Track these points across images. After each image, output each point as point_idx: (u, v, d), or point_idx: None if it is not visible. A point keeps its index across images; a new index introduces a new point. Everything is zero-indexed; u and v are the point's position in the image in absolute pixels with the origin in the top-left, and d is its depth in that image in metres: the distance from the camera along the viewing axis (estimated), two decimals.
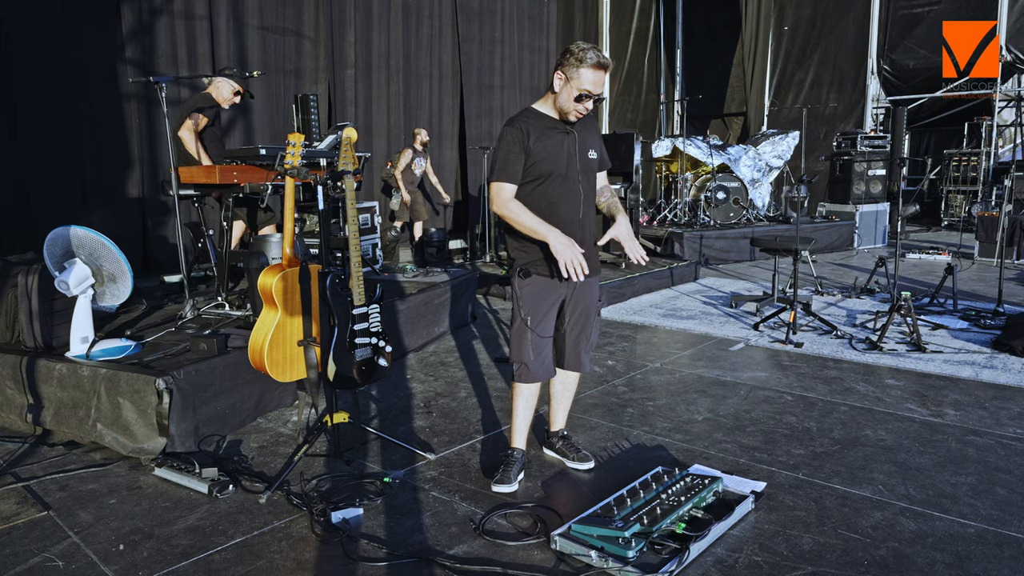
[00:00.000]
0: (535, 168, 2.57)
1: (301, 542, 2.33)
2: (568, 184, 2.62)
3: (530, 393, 2.77)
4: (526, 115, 2.63)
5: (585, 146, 2.67)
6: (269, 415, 3.47)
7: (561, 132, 2.61)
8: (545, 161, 2.57)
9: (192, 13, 6.82)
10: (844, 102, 12.17)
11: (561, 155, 2.60)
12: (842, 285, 6.62)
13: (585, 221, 2.68)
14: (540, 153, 2.55)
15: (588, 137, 2.70)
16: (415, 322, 4.70)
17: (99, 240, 3.28)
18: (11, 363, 3.30)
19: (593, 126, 2.76)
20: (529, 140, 2.54)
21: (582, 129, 2.67)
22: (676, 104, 13.78)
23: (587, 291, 2.77)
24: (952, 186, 11.17)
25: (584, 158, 2.66)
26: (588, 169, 2.69)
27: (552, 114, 2.61)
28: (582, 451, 2.89)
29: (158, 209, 6.57)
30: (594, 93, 2.52)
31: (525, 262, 2.66)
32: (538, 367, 2.71)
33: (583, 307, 2.77)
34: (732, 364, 4.32)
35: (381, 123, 8.93)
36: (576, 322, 2.77)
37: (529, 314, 2.66)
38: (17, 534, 2.40)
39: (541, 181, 2.59)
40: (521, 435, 2.81)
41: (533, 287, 2.65)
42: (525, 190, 2.59)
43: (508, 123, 2.60)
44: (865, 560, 2.19)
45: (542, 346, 2.70)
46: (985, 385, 3.82)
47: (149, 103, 6.43)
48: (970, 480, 2.72)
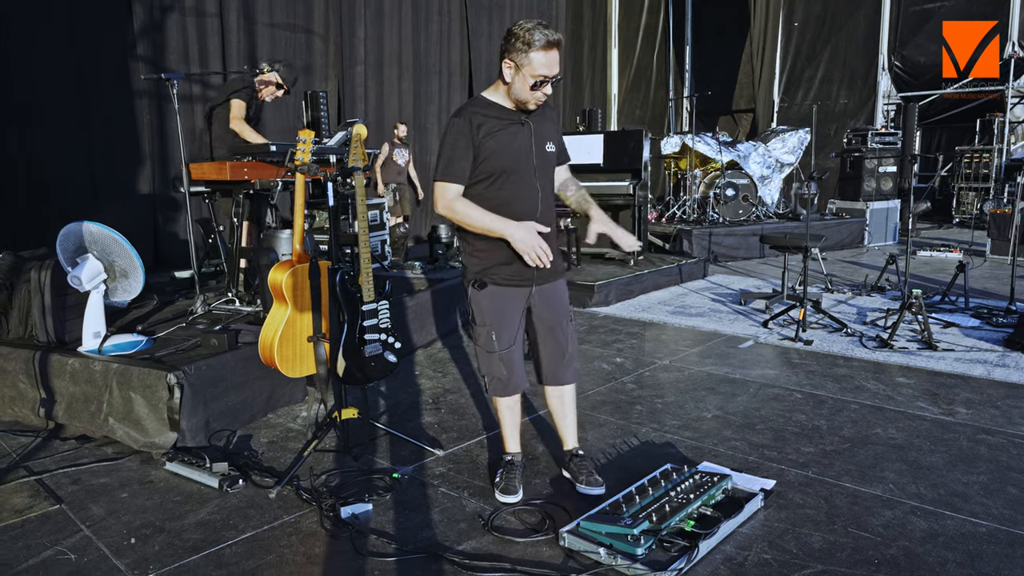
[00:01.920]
0: (486, 164, 2.34)
1: (311, 537, 2.35)
2: (524, 181, 2.39)
3: (512, 402, 2.63)
4: (475, 104, 2.38)
5: (543, 138, 2.43)
6: (279, 411, 3.49)
7: (516, 123, 2.37)
8: (497, 156, 2.33)
9: (203, 10, 6.85)
10: (855, 98, 12.08)
11: (515, 149, 2.37)
12: (852, 283, 6.58)
13: (544, 222, 2.42)
14: (491, 148, 2.32)
15: (545, 128, 2.46)
16: (423, 318, 4.71)
17: (111, 236, 3.30)
18: (24, 358, 3.33)
19: (551, 116, 2.52)
20: (479, 134, 2.31)
21: (539, 119, 2.43)
22: (685, 100, 13.72)
23: (551, 298, 2.54)
24: (964, 183, 11.08)
25: (541, 151, 2.43)
26: (546, 164, 2.46)
27: (505, 103, 2.38)
28: (594, 475, 2.64)
29: (168, 205, 6.62)
30: (550, 76, 2.27)
31: (478, 270, 2.45)
32: (513, 379, 2.54)
33: (550, 317, 2.54)
34: (741, 361, 4.30)
35: (392, 119, 8.94)
36: (545, 335, 2.56)
37: (492, 328, 2.47)
38: (30, 527, 2.43)
39: (493, 179, 2.35)
40: (513, 440, 2.69)
41: (491, 298, 2.46)
42: (476, 189, 2.38)
43: (455, 114, 2.36)
44: (875, 559, 2.18)
45: (510, 356, 2.50)
46: (997, 384, 3.79)
47: (160, 99, 6.47)
48: (982, 479, 2.70)
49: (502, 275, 2.45)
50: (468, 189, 2.39)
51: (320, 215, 6.36)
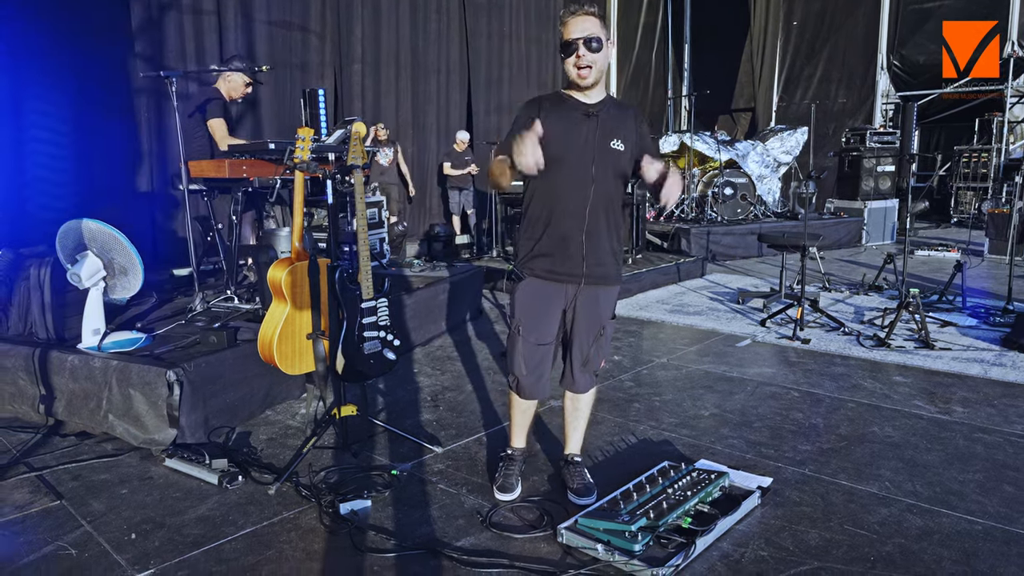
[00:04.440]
0: (543, 148, 2.22)
1: (310, 533, 2.36)
2: (579, 171, 2.34)
3: (527, 406, 2.62)
4: (550, 96, 2.43)
5: (609, 134, 2.36)
6: (277, 407, 3.49)
7: (580, 114, 2.35)
8: (554, 143, 2.28)
9: (200, 8, 6.84)
10: (853, 98, 12.10)
11: (575, 137, 2.33)
12: (850, 282, 6.60)
13: (593, 218, 2.36)
14: (550, 132, 2.25)
15: (617, 126, 2.38)
16: (422, 316, 4.72)
17: (111, 233, 3.30)
18: (24, 355, 3.33)
19: (630, 119, 2.44)
20: (540, 113, 2.30)
21: (611, 115, 2.38)
22: (684, 99, 13.73)
23: (591, 301, 2.48)
24: (962, 183, 11.10)
25: (605, 147, 2.35)
26: (608, 160, 2.36)
27: (577, 95, 2.37)
28: (588, 483, 2.59)
29: (166, 202, 6.61)
30: (581, 39, 2.25)
31: (522, 256, 2.45)
32: (531, 383, 2.50)
33: (585, 319, 2.49)
34: (739, 360, 4.32)
35: (390, 118, 8.95)
36: (576, 335, 2.50)
37: (520, 320, 2.45)
38: (31, 523, 2.43)
39: (548, 164, 2.22)
40: (519, 436, 2.68)
41: (526, 290, 2.44)
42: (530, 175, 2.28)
43: (527, 103, 2.41)
44: (871, 556, 2.19)
45: (537, 358, 2.47)
46: (994, 383, 3.81)
47: (158, 97, 6.46)
48: (978, 477, 2.71)
49: (541, 267, 2.42)
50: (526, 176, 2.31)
51: (318, 213, 6.36)
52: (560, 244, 2.39)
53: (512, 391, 2.60)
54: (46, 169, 5.86)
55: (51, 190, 5.87)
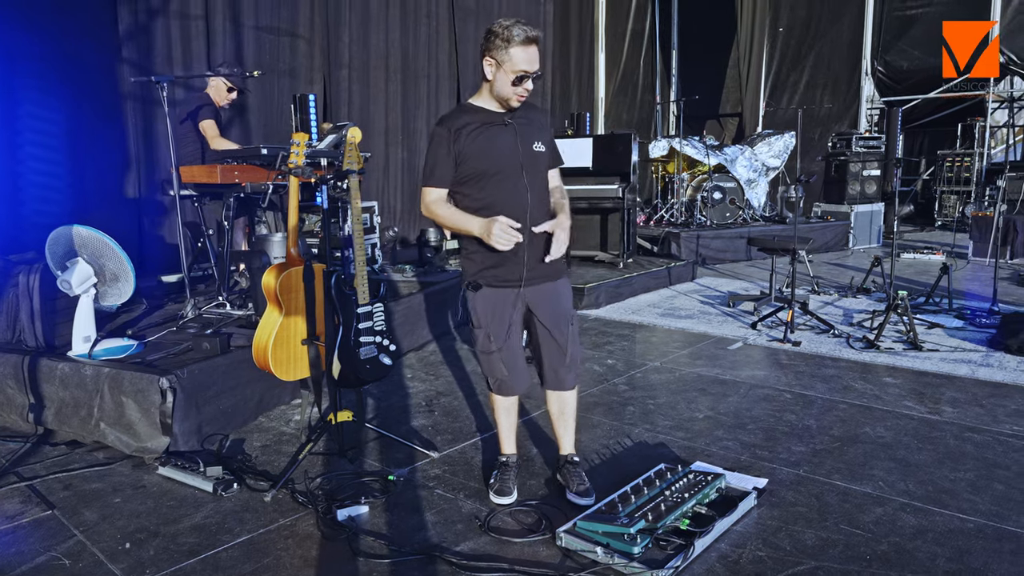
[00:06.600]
0: (468, 166, 2.38)
1: (307, 539, 2.34)
2: (510, 180, 2.40)
3: (509, 404, 2.66)
4: (458, 111, 2.45)
5: (529, 138, 2.44)
6: (271, 414, 3.47)
7: (498, 125, 2.40)
8: (478, 158, 2.37)
9: (188, 13, 6.81)
10: (839, 103, 12.23)
11: (498, 150, 2.39)
12: (838, 284, 6.66)
13: (534, 219, 2.42)
14: (471, 151, 2.36)
15: (533, 130, 2.47)
16: (415, 321, 4.71)
17: (102, 239, 3.28)
18: (12, 363, 3.30)
19: (538, 117, 2.55)
20: (459, 140, 2.37)
21: (526, 123, 2.45)
22: (672, 104, 13.82)
23: (551, 299, 2.52)
24: (946, 186, 11.24)
25: (529, 151, 2.43)
26: (535, 163, 2.46)
27: (490, 106, 2.42)
28: (585, 484, 2.59)
29: (155, 208, 6.56)
30: (530, 72, 2.30)
31: (473, 272, 2.49)
32: (515, 379, 2.57)
33: (549, 318, 2.52)
34: (731, 363, 4.34)
35: (379, 123, 8.93)
36: (545, 336, 2.54)
37: (489, 330, 2.50)
38: (22, 533, 2.40)
39: (477, 179, 2.38)
40: (509, 441, 2.71)
41: (484, 300, 2.49)
42: (463, 191, 2.43)
43: (437, 123, 2.44)
44: (867, 555, 2.21)
45: (512, 356, 2.53)
46: (982, 383, 3.86)
47: (146, 103, 6.42)
48: (969, 476, 2.75)
49: (492, 277, 2.48)
50: (457, 191, 2.45)
51: (309, 218, 6.34)
52: (505, 255, 2.40)
53: (493, 393, 2.65)
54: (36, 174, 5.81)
55: (41, 195, 5.81)
